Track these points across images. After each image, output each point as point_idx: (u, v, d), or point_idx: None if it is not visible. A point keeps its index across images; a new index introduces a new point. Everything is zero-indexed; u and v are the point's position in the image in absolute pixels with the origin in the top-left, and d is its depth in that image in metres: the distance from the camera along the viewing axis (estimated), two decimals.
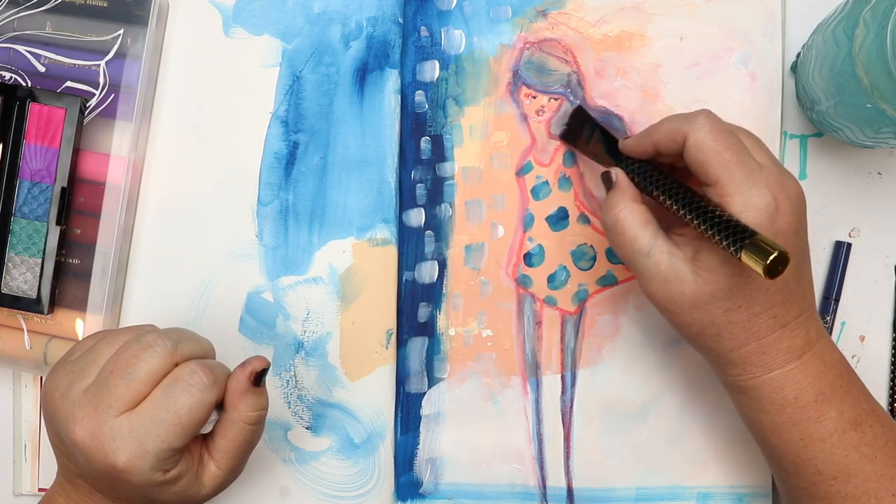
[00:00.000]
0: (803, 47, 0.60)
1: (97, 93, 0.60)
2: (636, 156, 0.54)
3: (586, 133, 0.59)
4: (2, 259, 0.59)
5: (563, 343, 0.61)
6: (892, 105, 0.49)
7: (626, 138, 0.55)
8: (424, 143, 0.62)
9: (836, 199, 0.62)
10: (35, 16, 0.60)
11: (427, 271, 0.62)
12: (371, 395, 0.61)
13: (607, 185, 0.54)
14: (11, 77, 0.60)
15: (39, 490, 0.62)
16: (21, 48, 0.60)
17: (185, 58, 0.62)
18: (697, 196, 0.50)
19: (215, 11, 0.62)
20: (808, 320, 0.51)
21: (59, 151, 0.59)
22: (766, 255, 0.44)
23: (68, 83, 0.60)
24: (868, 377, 0.53)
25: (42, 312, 0.59)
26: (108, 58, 0.60)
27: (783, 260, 0.44)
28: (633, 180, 0.54)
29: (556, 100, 0.61)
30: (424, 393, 0.61)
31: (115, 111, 0.60)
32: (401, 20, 0.62)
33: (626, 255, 0.52)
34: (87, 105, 0.60)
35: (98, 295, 0.60)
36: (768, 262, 0.44)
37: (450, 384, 0.61)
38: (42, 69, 0.60)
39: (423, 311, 0.61)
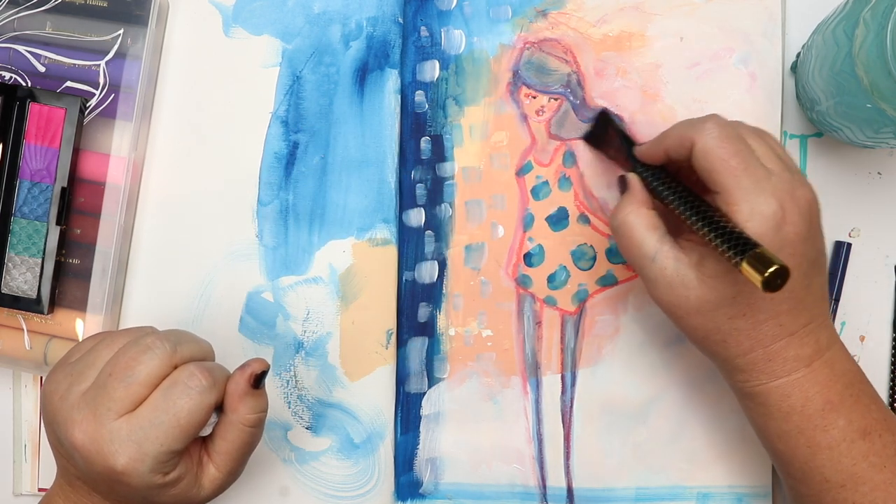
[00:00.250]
0: (803, 47, 0.60)
1: (97, 93, 0.60)
2: (650, 161, 0.54)
3: (609, 137, 0.59)
4: (2, 259, 0.59)
5: (563, 343, 0.61)
6: (892, 105, 0.49)
7: (641, 144, 0.55)
8: (424, 143, 0.62)
9: (836, 199, 0.62)
10: (35, 16, 0.60)
11: (427, 271, 0.61)
12: (371, 395, 0.61)
13: (622, 188, 0.54)
14: (11, 77, 0.60)
15: (39, 490, 0.62)
16: (21, 48, 0.60)
17: (185, 58, 0.62)
18: (705, 204, 0.50)
19: (215, 11, 0.62)
20: (818, 328, 0.51)
21: (59, 151, 0.59)
22: (765, 269, 0.44)
23: (68, 83, 0.60)
24: (868, 377, 0.53)
25: (42, 312, 0.59)
26: (108, 58, 0.60)
27: (782, 274, 0.44)
28: (647, 185, 0.54)
29: (556, 100, 0.61)
30: (424, 393, 0.61)
31: (115, 111, 0.60)
32: (401, 20, 0.62)
33: (633, 258, 0.52)
34: (87, 105, 0.60)
35: (98, 295, 0.60)
36: (766, 275, 0.44)
37: (450, 384, 0.61)
38: (42, 69, 0.60)
39: (423, 311, 0.61)
